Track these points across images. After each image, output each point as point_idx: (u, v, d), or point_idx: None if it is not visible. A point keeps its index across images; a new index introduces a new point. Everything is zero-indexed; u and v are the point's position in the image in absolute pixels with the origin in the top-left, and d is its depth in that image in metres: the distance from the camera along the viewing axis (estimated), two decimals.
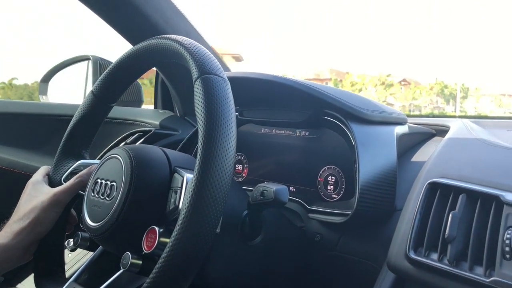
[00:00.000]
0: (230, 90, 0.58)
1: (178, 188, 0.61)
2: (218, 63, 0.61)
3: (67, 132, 0.82)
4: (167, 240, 0.57)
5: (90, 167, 0.77)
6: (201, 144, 0.53)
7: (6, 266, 0.70)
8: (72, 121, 0.81)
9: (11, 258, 0.70)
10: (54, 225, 0.73)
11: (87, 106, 0.80)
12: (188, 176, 0.61)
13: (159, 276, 0.52)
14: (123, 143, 1.23)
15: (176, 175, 0.63)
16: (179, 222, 0.52)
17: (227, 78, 0.59)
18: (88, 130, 0.82)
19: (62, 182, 0.78)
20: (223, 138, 0.54)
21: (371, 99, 0.89)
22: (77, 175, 0.76)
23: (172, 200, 0.61)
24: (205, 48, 0.62)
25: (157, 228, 0.59)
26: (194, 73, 0.58)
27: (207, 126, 0.54)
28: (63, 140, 0.82)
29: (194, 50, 0.61)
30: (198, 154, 0.53)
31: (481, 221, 0.58)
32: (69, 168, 0.80)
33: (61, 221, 0.75)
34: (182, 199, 0.59)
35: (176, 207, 0.60)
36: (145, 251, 0.59)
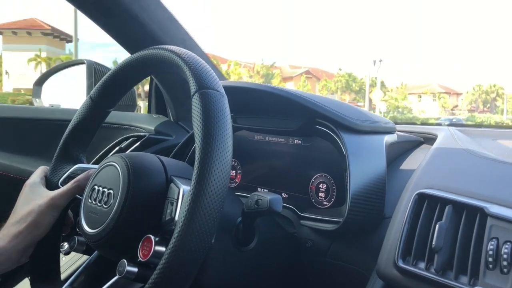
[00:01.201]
0: (227, 105, 0.60)
1: (174, 200, 0.62)
2: (216, 77, 0.62)
3: (64, 135, 0.83)
4: (163, 249, 0.59)
5: (87, 171, 0.77)
6: (198, 159, 0.55)
7: (2, 268, 0.71)
8: (70, 125, 0.82)
9: (7, 261, 0.71)
10: (50, 228, 0.74)
11: (85, 111, 0.81)
12: (185, 188, 0.62)
13: (156, 285, 0.53)
14: (117, 148, 1.24)
15: (172, 185, 0.65)
16: (175, 234, 0.53)
17: (224, 93, 0.61)
18: (85, 134, 0.83)
19: (59, 185, 0.79)
20: (219, 154, 0.55)
21: (362, 109, 0.91)
22: (75, 179, 0.76)
23: (168, 211, 0.62)
24: (203, 61, 0.63)
25: (152, 237, 0.60)
26: (193, 87, 0.60)
27: (204, 141, 0.55)
28: (60, 144, 0.83)
29: (192, 62, 0.62)
30: (194, 168, 0.55)
31: (466, 232, 0.60)
32: (66, 172, 0.81)
33: (57, 224, 0.76)
34: (178, 212, 0.60)
35: (172, 218, 0.61)
36: (140, 259, 0.60)
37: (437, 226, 0.61)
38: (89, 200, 0.69)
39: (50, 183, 0.81)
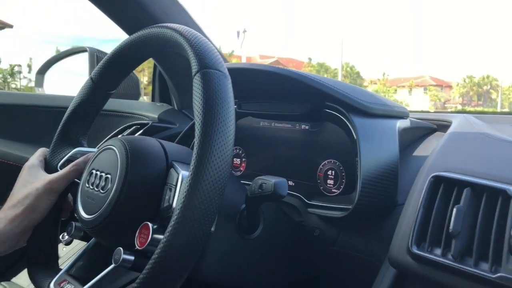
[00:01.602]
0: (230, 86, 0.56)
1: (173, 186, 0.59)
2: (219, 56, 0.58)
3: (64, 117, 0.80)
4: (160, 236, 0.55)
5: (86, 155, 0.75)
6: (197, 143, 0.52)
7: (3, 249, 0.69)
8: (70, 106, 0.79)
9: (3, 244, 0.69)
10: (48, 212, 0.72)
11: (86, 92, 0.78)
12: (184, 174, 0.59)
13: (151, 275, 0.50)
14: (119, 136, 1.22)
15: (172, 170, 0.61)
16: (172, 222, 0.50)
17: (228, 74, 0.57)
18: (86, 116, 0.80)
19: (58, 168, 0.77)
20: (220, 138, 0.52)
21: (373, 92, 0.87)
22: (73, 163, 0.74)
23: (167, 197, 0.59)
24: (206, 39, 0.60)
25: (150, 225, 0.57)
26: (194, 66, 0.56)
27: (204, 124, 0.52)
28: (60, 126, 0.80)
29: (195, 41, 0.59)
30: (193, 153, 0.52)
31: (486, 216, 0.56)
32: (65, 155, 0.78)
33: (55, 209, 0.74)
34: (176, 199, 0.57)
35: (170, 205, 0.58)
36: (137, 247, 0.57)
37: (454, 209, 0.57)
38: (87, 185, 0.67)
39: (49, 166, 0.78)
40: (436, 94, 44.09)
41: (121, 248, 0.58)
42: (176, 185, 0.59)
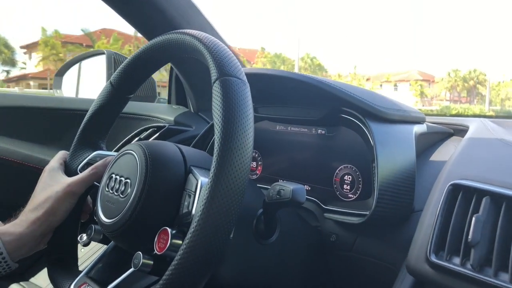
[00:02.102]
0: (249, 93, 0.57)
1: (192, 193, 0.59)
2: (238, 63, 0.59)
3: (84, 121, 0.81)
4: (179, 242, 0.56)
5: (105, 159, 0.76)
6: (217, 150, 0.52)
7: (20, 254, 0.70)
8: (89, 110, 0.81)
9: (25, 246, 0.70)
10: (68, 215, 0.73)
11: (105, 97, 0.79)
12: (203, 180, 0.59)
13: (171, 280, 0.51)
14: (136, 139, 1.23)
15: (190, 176, 0.62)
16: (191, 230, 0.51)
17: (247, 81, 0.57)
18: (105, 120, 0.82)
19: (78, 171, 0.78)
20: (239, 146, 0.52)
21: (389, 97, 0.87)
22: (92, 166, 0.75)
23: (186, 203, 0.60)
24: (225, 47, 0.60)
25: (169, 230, 0.58)
26: (213, 73, 0.57)
27: (223, 132, 0.52)
28: (80, 129, 0.81)
29: (214, 48, 0.59)
30: (213, 160, 0.52)
31: (506, 225, 0.56)
32: (85, 158, 0.79)
33: (75, 211, 0.75)
34: (196, 206, 0.58)
35: (189, 212, 0.58)
36: (157, 252, 0.58)
37: (473, 219, 0.57)
38: (106, 189, 0.68)
39: (68, 169, 0.79)
40: (420, 89, 41.84)
41: (140, 253, 0.59)
42: (195, 192, 0.59)
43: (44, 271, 1.22)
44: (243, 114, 0.54)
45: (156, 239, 0.58)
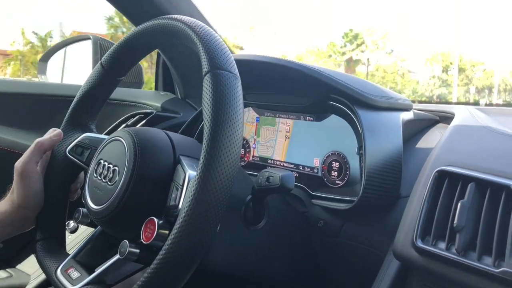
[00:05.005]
0: (240, 88, 0.56)
1: (180, 186, 0.59)
2: (230, 55, 0.58)
3: (74, 102, 0.80)
4: (166, 232, 0.56)
5: (53, 133, 0.78)
6: (205, 144, 0.52)
7: (5, 232, 0.73)
8: (79, 91, 0.80)
9: (9, 226, 0.73)
10: (49, 193, 0.75)
11: (96, 78, 0.78)
12: (190, 174, 0.59)
13: (159, 270, 0.51)
14: (124, 125, 1.22)
15: (179, 167, 0.61)
16: (178, 224, 0.51)
17: (238, 75, 0.57)
18: (95, 101, 0.81)
19: (67, 153, 0.78)
20: (227, 143, 0.52)
21: (377, 85, 0.88)
22: (36, 140, 0.77)
23: (173, 196, 0.59)
24: (218, 37, 0.59)
25: (156, 220, 0.57)
26: (205, 65, 0.56)
27: (212, 128, 0.52)
28: (69, 110, 0.81)
29: (207, 38, 0.58)
30: (201, 155, 0.52)
31: (490, 211, 0.57)
32: (74, 140, 0.79)
33: (62, 192, 0.76)
34: (182, 200, 0.57)
35: (176, 205, 0.58)
36: (143, 241, 0.58)
37: (459, 204, 0.58)
38: (94, 175, 0.67)
39: (57, 150, 0.79)
40: None
41: (126, 241, 0.59)
42: (182, 185, 0.59)
43: (31, 258, 1.21)
44: (233, 110, 0.54)
45: (142, 228, 0.58)
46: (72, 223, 1.03)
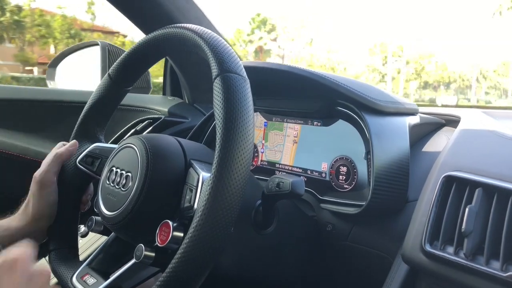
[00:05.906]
0: (249, 89, 0.58)
1: (194, 187, 0.60)
2: (238, 59, 0.60)
3: (83, 113, 0.82)
4: (181, 234, 0.57)
5: (68, 145, 0.80)
6: (218, 146, 0.53)
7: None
8: (88, 103, 0.81)
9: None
10: (63, 206, 0.76)
11: (104, 89, 0.80)
12: (204, 176, 0.60)
13: (175, 272, 0.52)
14: (133, 131, 1.23)
15: (191, 170, 0.63)
16: (193, 224, 0.52)
17: (247, 77, 0.59)
18: (104, 113, 0.82)
19: (77, 163, 0.79)
20: (241, 141, 0.53)
21: (383, 89, 0.89)
22: (53, 150, 0.79)
23: (187, 197, 0.61)
24: (225, 42, 0.61)
25: (170, 223, 0.59)
26: (214, 70, 0.58)
27: (225, 128, 0.54)
28: (78, 122, 0.82)
29: (215, 44, 0.60)
30: (215, 155, 0.53)
31: (498, 215, 0.58)
32: (84, 150, 0.80)
33: (71, 201, 0.77)
34: (197, 200, 0.59)
35: (191, 206, 0.59)
36: (158, 244, 0.59)
37: (466, 209, 0.59)
38: (107, 182, 0.69)
39: (67, 161, 0.80)
40: None
41: (142, 245, 0.60)
42: (196, 187, 0.60)
43: (42, 261, 1.23)
44: (244, 111, 0.55)
45: (157, 231, 0.60)
46: (83, 227, 1.04)
